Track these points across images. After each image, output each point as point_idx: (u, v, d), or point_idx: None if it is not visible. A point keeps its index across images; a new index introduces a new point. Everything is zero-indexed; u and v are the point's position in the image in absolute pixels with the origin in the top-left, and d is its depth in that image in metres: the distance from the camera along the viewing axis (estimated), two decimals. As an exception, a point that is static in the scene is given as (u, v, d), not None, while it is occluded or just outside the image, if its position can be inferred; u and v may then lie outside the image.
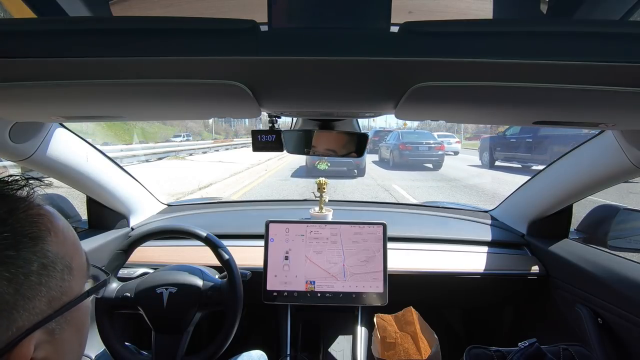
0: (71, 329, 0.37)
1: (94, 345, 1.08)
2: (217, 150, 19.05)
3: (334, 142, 0.91)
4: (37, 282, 0.33)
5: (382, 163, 11.50)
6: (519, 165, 9.63)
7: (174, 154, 14.62)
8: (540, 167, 1.26)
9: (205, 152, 17.39)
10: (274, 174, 9.44)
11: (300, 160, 10.38)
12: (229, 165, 11.08)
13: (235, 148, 21.41)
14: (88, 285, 0.41)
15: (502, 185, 7.43)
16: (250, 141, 0.85)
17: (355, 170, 8.73)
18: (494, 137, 11.45)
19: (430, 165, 10.29)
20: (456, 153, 15.89)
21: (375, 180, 8.03)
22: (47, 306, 0.33)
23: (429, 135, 11.57)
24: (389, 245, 1.10)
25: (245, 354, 1.00)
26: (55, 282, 0.34)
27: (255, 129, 0.86)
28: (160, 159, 13.17)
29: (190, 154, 15.71)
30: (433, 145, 10.21)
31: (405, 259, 1.18)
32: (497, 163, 10.48)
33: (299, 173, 9.38)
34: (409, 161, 10.18)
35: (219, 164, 11.92)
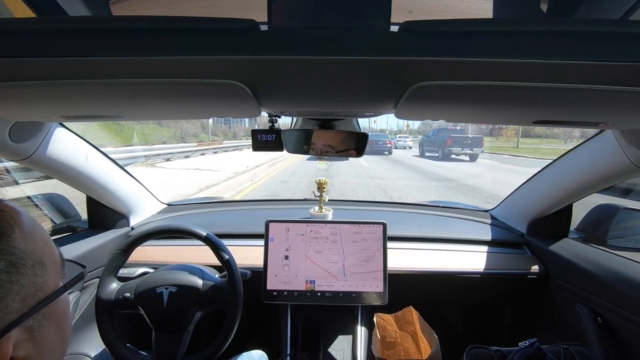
0: (51, 326, 0.36)
1: (94, 345, 1.08)
2: (204, 154, 15.72)
3: (334, 141, 0.91)
4: (7, 281, 0.32)
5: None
6: (436, 155, 15.48)
7: (145, 159, 11.20)
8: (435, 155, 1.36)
9: (187, 157, 14.03)
10: (262, 185, 7.33)
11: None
12: (204, 174, 8.61)
13: (225, 151, 18.22)
14: (64, 281, 0.40)
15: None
16: (243, 143, 0.85)
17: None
18: (424, 137, 19.12)
19: (386, 153, 17.36)
20: (410, 147, 23.24)
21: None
22: (21, 304, 0.33)
23: (384, 136, 20.88)
24: (389, 244, 1.10)
25: (245, 353, 1.00)
26: (27, 279, 0.34)
27: (254, 128, 0.86)
28: (125, 165, 10.39)
29: (168, 159, 12.38)
30: (386, 142, 17.98)
31: (405, 259, 1.18)
32: (426, 154, 16.56)
33: (312, 158, 10.92)
34: (373, 150, 16.93)
35: (195, 171, 9.44)
